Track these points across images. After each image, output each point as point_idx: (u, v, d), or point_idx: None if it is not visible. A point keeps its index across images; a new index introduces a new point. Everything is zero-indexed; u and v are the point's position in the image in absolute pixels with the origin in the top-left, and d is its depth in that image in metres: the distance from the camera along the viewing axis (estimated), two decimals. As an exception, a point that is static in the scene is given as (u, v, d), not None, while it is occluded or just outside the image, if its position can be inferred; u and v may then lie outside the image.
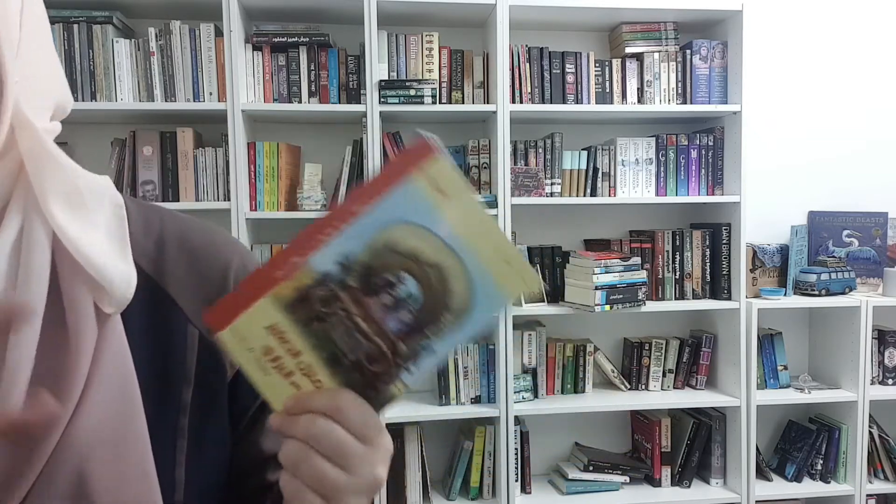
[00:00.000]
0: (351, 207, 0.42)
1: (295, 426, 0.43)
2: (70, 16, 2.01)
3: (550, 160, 2.27)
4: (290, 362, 0.44)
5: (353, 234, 0.42)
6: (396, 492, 2.19)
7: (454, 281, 0.43)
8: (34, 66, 0.47)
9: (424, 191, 0.41)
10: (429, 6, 2.13)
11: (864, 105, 2.64)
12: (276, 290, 0.42)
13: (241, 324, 0.43)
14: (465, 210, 0.42)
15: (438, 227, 0.42)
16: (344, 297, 0.43)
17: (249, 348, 0.43)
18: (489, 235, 0.43)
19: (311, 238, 0.42)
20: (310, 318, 0.43)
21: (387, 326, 0.43)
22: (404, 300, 0.43)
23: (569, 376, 2.37)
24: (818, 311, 2.56)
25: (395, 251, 0.42)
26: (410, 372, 0.44)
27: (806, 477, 2.41)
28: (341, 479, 0.43)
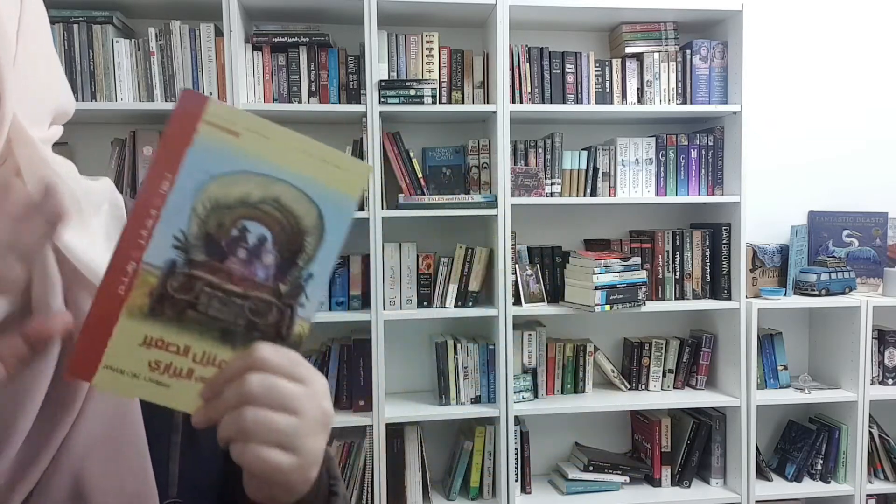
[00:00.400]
0: (156, 188, 0.39)
1: (222, 402, 0.41)
2: (70, 16, 2.01)
3: (550, 160, 2.27)
4: (184, 362, 0.41)
5: (171, 212, 0.40)
6: (396, 492, 2.19)
7: (294, 205, 0.42)
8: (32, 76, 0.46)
9: (216, 138, 0.40)
10: (429, 6, 2.13)
11: (864, 105, 2.64)
12: (128, 306, 0.40)
13: (110, 359, 0.40)
14: (262, 136, 0.41)
15: (249, 165, 0.41)
16: (200, 275, 0.41)
17: (133, 375, 0.40)
18: (297, 147, 0.42)
19: (134, 236, 0.39)
20: (180, 311, 0.41)
21: (258, 277, 0.42)
22: (258, 246, 0.42)
23: (569, 376, 2.37)
24: (818, 311, 2.56)
25: (222, 206, 0.41)
26: (304, 305, 0.43)
27: (806, 477, 2.41)
28: (292, 423, 0.41)
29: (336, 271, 2.17)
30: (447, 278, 2.21)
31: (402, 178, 2.20)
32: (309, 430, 0.42)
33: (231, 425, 0.40)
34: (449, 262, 2.22)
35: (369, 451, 2.14)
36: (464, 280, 2.21)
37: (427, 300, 2.21)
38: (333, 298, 2.18)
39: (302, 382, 0.42)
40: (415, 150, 2.27)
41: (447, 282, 2.21)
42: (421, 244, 2.29)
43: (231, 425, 0.40)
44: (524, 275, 2.27)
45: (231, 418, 0.40)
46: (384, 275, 2.15)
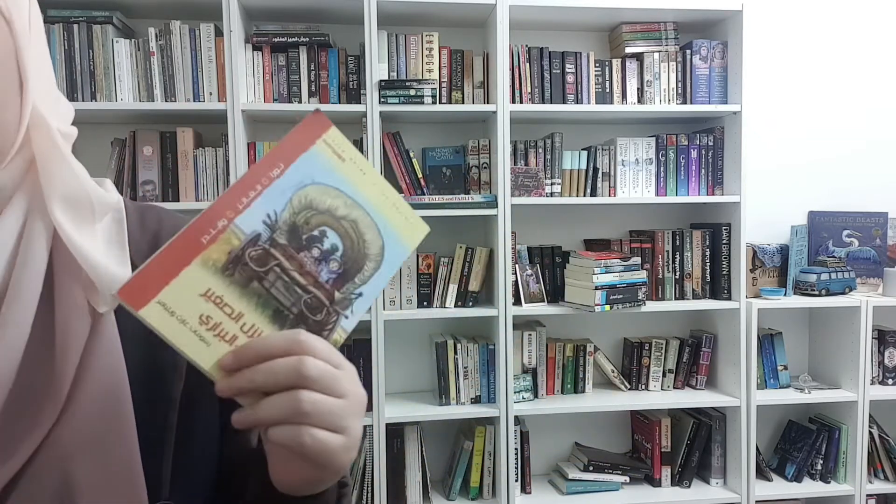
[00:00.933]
0: (268, 171, 0.44)
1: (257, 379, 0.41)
2: (70, 16, 2.01)
3: (550, 160, 2.27)
4: (233, 326, 0.42)
5: (273, 195, 0.44)
6: (396, 492, 2.19)
7: (366, 231, 0.48)
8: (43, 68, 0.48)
9: (327, 155, 0.47)
10: (429, 6, 2.13)
11: (864, 105, 2.64)
12: (204, 255, 0.42)
13: (168, 296, 0.40)
14: (360, 169, 0.48)
15: (343, 186, 0.47)
16: (277, 255, 0.44)
17: (182, 320, 0.41)
18: (381, 189, 0.49)
19: (234, 200, 0.43)
20: (248, 279, 0.43)
21: (321, 278, 0.46)
22: (330, 252, 0.47)
23: (569, 376, 2.37)
24: (818, 311, 2.56)
25: (313, 208, 0.46)
26: (347, 317, 0.47)
27: (806, 477, 2.41)
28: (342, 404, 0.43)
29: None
30: (447, 278, 2.21)
31: (402, 178, 2.20)
32: (353, 412, 0.44)
33: (284, 407, 0.41)
34: (449, 262, 2.22)
35: (369, 451, 2.14)
36: (464, 280, 2.21)
37: (427, 300, 2.21)
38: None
39: (340, 368, 0.44)
40: (415, 150, 2.27)
41: (447, 282, 2.21)
42: (421, 244, 2.28)
43: (284, 407, 0.41)
44: (524, 275, 2.27)
45: (285, 400, 0.41)
46: (384, 275, 2.15)
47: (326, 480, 0.46)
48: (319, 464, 0.43)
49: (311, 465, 0.44)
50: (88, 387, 0.45)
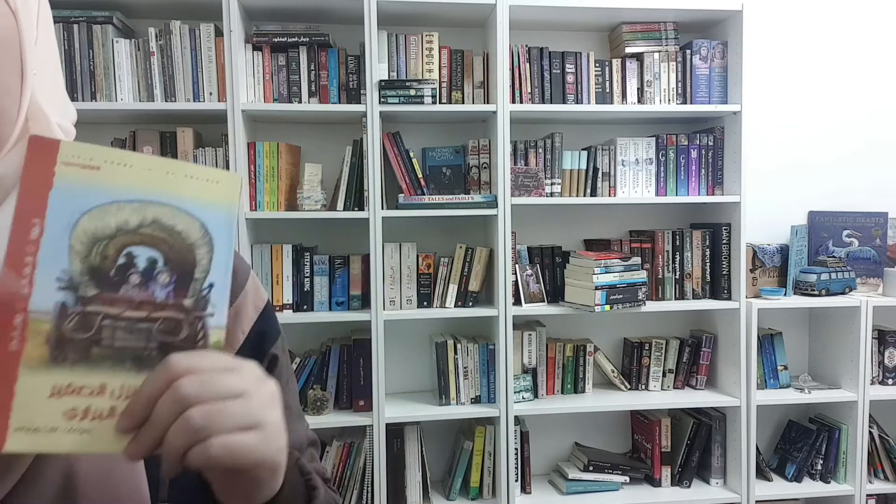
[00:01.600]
0: (26, 237, 0.38)
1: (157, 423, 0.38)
2: (70, 16, 2.01)
3: (550, 160, 2.27)
4: (102, 402, 0.39)
5: (48, 256, 0.38)
6: (396, 492, 2.18)
7: (175, 222, 0.41)
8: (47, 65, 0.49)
9: (77, 175, 0.39)
10: (429, 6, 2.13)
11: (864, 105, 2.64)
12: (24, 361, 0.37)
13: (19, 420, 0.37)
14: (124, 165, 0.40)
15: (117, 195, 0.40)
16: (96, 309, 0.39)
17: (51, 429, 0.37)
18: (160, 169, 0.41)
19: (14, 288, 0.37)
20: (85, 350, 0.39)
21: (158, 298, 0.41)
22: (150, 269, 0.41)
23: (569, 376, 2.37)
24: (818, 311, 2.56)
25: (100, 238, 0.40)
26: (213, 314, 0.42)
27: (806, 477, 2.41)
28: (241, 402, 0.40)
29: (336, 271, 2.18)
30: (447, 278, 2.21)
31: (402, 178, 2.20)
32: (261, 404, 0.41)
33: (179, 433, 0.38)
34: (449, 262, 2.22)
35: (369, 451, 2.14)
36: (464, 280, 2.21)
37: (427, 300, 2.21)
38: (333, 298, 2.18)
39: (233, 371, 0.41)
40: (415, 150, 2.27)
41: (447, 282, 2.21)
42: (421, 244, 2.29)
43: (179, 433, 0.38)
44: (524, 275, 2.27)
45: (176, 427, 0.38)
46: (384, 275, 2.15)
47: (267, 482, 0.44)
48: (246, 468, 0.41)
49: (241, 474, 0.41)
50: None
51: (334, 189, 2.19)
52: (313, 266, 2.16)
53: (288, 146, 2.16)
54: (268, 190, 2.11)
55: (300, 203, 2.11)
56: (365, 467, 2.16)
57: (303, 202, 2.11)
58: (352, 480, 2.16)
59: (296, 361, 2.18)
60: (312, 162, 2.17)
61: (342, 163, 2.16)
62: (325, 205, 2.14)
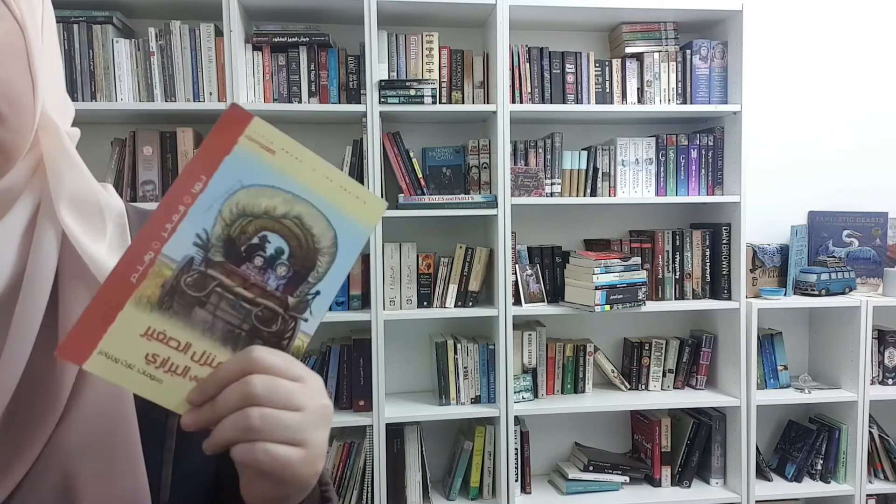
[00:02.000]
0: (189, 188, 0.41)
1: (221, 405, 0.41)
2: (70, 16, 2.01)
3: (550, 160, 2.27)
4: (182, 359, 0.41)
5: (199, 211, 0.41)
6: (396, 492, 2.18)
7: (313, 224, 0.44)
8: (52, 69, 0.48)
9: (254, 152, 0.42)
10: (429, 6, 2.13)
11: (864, 105, 2.64)
12: (136, 295, 0.40)
13: (109, 345, 0.39)
14: (295, 157, 0.43)
15: (279, 181, 0.43)
16: (216, 275, 0.42)
17: (128, 365, 0.40)
18: (323, 173, 0.44)
19: (158, 228, 0.40)
20: (189, 307, 0.41)
21: (269, 286, 0.43)
22: (275, 257, 0.43)
23: (569, 376, 2.37)
24: (818, 311, 2.56)
25: (247, 215, 0.42)
26: (307, 320, 0.44)
27: (806, 477, 2.41)
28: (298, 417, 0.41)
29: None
30: (447, 278, 2.21)
31: (402, 178, 2.20)
32: (313, 424, 0.43)
33: (235, 426, 0.40)
34: (449, 262, 2.22)
35: (369, 451, 2.14)
36: (464, 280, 2.21)
37: (427, 300, 2.21)
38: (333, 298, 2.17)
39: (299, 381, 0.43)
40: (415, 150, 2.27)
41: (447, 282, 2.21)
42: (421, 244, 2.29)
43: (235, 426, 0.40)
44: (524, 275, 2.27)
45: (235, 419, 0.40)
46: (384, 275, 2.15)
47: (292, 497, 0.45)
48: (281, 479, 0.42)
49: (273, 482, 0.43)
50: (91, 390, 0.45)
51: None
52: (313, 266, 2.16)
53: (288, 146, 2.16)
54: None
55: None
56: (365, 467, 2.16)
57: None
58: (352, 480, 2.16)
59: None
60: (312, 162, 2.17)
61: (342, 163, 2.16)
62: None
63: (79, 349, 0.39)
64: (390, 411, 2.16)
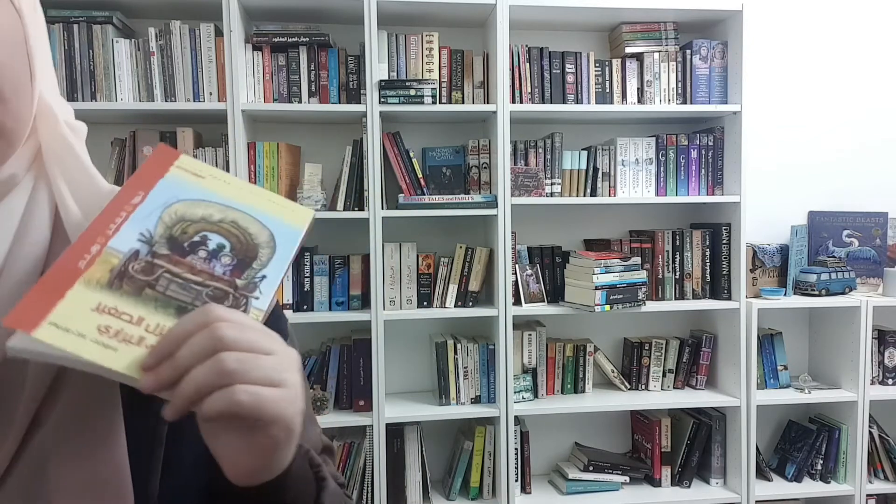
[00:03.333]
0: (129, 200, 0.45)
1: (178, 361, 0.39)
2: (70, 16, 2.01)
3: (550, 160, 2.27)
4: (136, 330, 0.41)
5: (140, 217, 0.45)
6: (396, 492, 2.18)
7: (249, 225, 0.48)
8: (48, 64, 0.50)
9: (185, 177, 0.48)
10: (429, 6, 2.13)
11: (864, 105, 2.64)
12: (86, 276, 0.41)
13: (59, 316, 0.39)
14: (223, 181, 0.49)
15: (211, 197, 0.48)
16: (162, 263, 0.44)
17: (80, 334, 0.40)
18: (251, 191, 0.50)
19: (102, 227, 0.43)
20: (139, 288, 0.42)
21: (216, 272, 0.45)
22: (217, 250, 0.46)
23: (569, 376, 2.37)
24: (818, 311, 2.56)
25: (186, 220, 0.46)
26: (258, 298, 0.45)
27: (806, 477, 2.41)
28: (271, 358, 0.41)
29: (336, 271, 2.18)
30: (447, 278, 2.21)
31: (402, 178, 2.20)
32: (287, 366, 0.42)
33: (209, 372, 0.38)
34: (449, 262, 2.22)
35: (369, 451, 2.14)
36: (464, 280, 2.21)
37: (427, 300, 2.21)
38: (333, 298, 2.18)
39: (263, 331, 0.43)
40: (415, 150, 2.27)
41: (447, 282, 2.21)
42: (421, 244, 2.29)
43: (209, 372, 0.38)
44: (524, 275, 2.27)
45: (209, 365, 0.39)
46: (384, 275, 2.15)
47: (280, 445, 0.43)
48: (265, 420, 0.40)
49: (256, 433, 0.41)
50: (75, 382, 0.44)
51: (334, 189, 2.19)
52: (313, 266, 2.16)
53: (288, 146, 2.16)
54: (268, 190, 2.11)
55: (300, 203, 2.11)
56: (365, 467, 2.16)
57: (303, 202, 2.11)
58: (352, 480, 2.16)
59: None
60: (312, 162, 2.17)
61: (342, 163, 2.16)
62: (325, 205, 2.14)
63: (27, 318, 0.39)
64: (390, 411, 2.16)
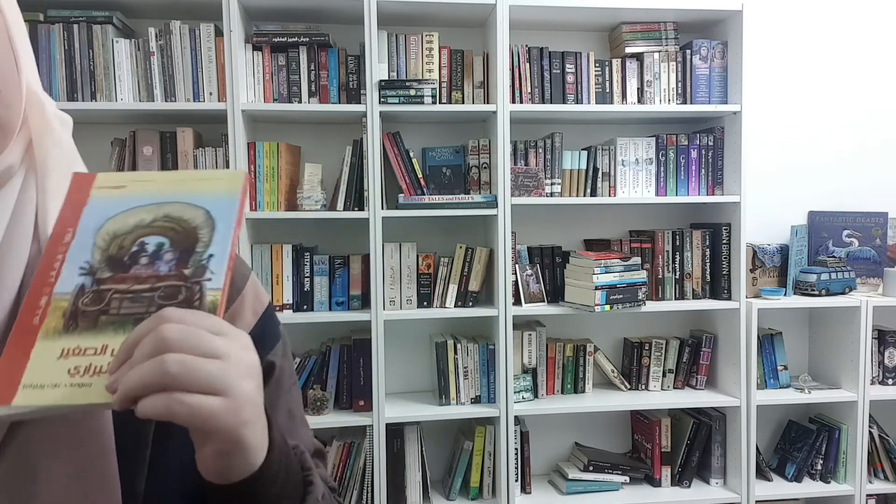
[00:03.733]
0: (60, 241, 0.46)
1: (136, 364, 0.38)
2: (70, 16, 2.01)
3: (550, 160, 2.27)
4: (103, 359, 0.42)
5: (75, 253, 0.45)
6: (396, 492, 2.18)
7: (183, 213, 0.47)
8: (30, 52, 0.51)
9: (107, 195, 0.48)
10: (429, 6, 2.13)
11: (865, 105, 2.64)
12: (43, 331, 0.42)
13: (31, 377, 0.41)
14: (146, 181, 0.49)
15: (138, 202, 0.48)
16: (109, 286, 0.45)
17: (54, 385, 0.41)
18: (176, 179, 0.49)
19: (45, 278, 0.44)
20: (94, 319, 0.43)
21: (161, 272, 0.46)
22: (157, 251, 0.46)
23: (569, 376, 2.37)
24: (818, 311, 2.56)
25: (119, 235, 0.46)
26: (210, 279, 0.45)
27: (806, 477, 2.41)
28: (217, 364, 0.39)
29: (336, 271, 2.18)
30: (447, 278, 2.21)
31: (402, 178, 2.20)
32: (236, 373, 0.40)
33: (147, 373, 0.37)
34: (449, 262, 2.22)
35: (369, 451, 2.14)
36: (464, 280, 2.21)
37: (427, 300, 2.21)
38: (333, 298, 2.18)
39: (220, 334, 0.41)
40: (415, 150, 2.27)
41: (447, 282, 2.21)
42: (421, 244, 2.29)
43: (147, 373, 0.37)
44: (524, 275, 2.27)
45: (149, 366, 0.38)
46: (384, 275, 2.15)
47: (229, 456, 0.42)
48: (203, 431, 0.40)
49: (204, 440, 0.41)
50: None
51: (334, 189, 2.19)
52: (313, 266, 2.16)
53: (288, 146, 2.16)
54: (268, 190, 2.11)
55: (300, 203, 2.11)
56: (365, 467, 2.16)
57: (303, 202, 2.11)
58: (352, 480, 2.16)
59: (296, 361, 2.18)
60: (312, 162, 2.17)
61: (342, 163, 2.16)
62: (325, 205, 2.14)
63: (4, 392, 0.40)
64: (390, 411, 2.16)
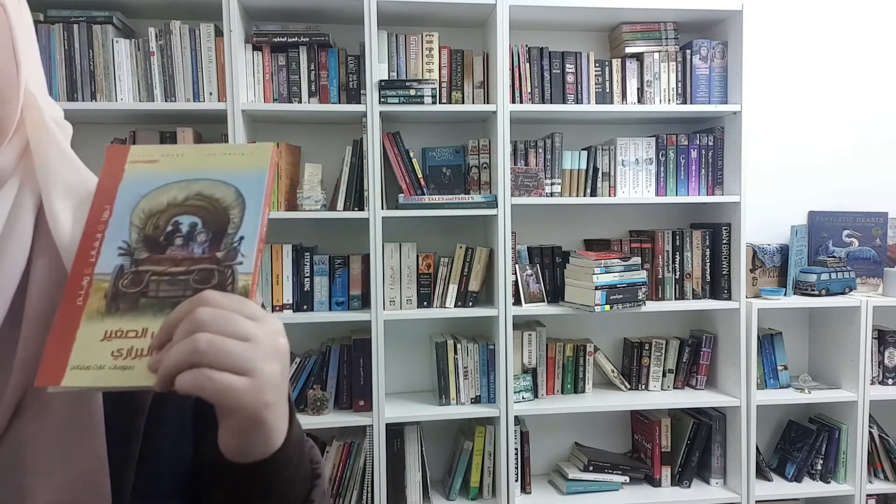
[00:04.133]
0: (98, 219, 0.48)
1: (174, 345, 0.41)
2: (70, 16, 2.01)
3: (550, 160, 2.27)
4: (144, 342, 0.44)
5: (114, 231, 0.47)
6: (396, 492, 2.18)
7: (214, 191, 0.49)
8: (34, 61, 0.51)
9: (141, 170, 0.50)
10: (429, 6, 2.13)
11: (865, 105, 2.64)
12: (87, 312, 0.44)
13: (77, 358, 0.43)
14: (177, 155, 0.50)
15: (170, 179, 0.49)
16: (147, 268, 0.46)
17: (99, 367, 0.43)
18: (205, 153, 0.51)
19: (85, 257, 0.46)
20: (135, 301, 0.45)
21: (196, 254, 0.47)
22: (191, 231, 0.48)
23: (569, 376, 2.37)
24: (818, 311, 2.56)
25: (155, 213, 0.48)
26: (242, 262, 0.47)
27: (806, 477, 2.41)
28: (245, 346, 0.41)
29: (336, 271, 2.18)
30: (447, 278, 2.21)
31: (402, 178, 2.20)
32: (262, 355, 0.42)
33: (182, 351, 0.40)
34: (449, 262, 2.22)
35: (369, 451, 2.14)
36: (464, 280, 2.21)
37: (427, 300, 2.21)
38: (333, 298, 2.18)
39: (253, 318, 0.43)
40: (415, 150, 2.27)
41: (447, 282, 2.21)
42: (421, 244, 2.29)
43: (182, 351, 0.40)
44: (524, 275, 2.27)
45: (183, 344, 0.40)
46: (384, 275, 2.15)
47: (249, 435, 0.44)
48: (227, 408, 0.42)
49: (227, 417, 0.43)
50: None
51: (334, 189, 2.19)
52: (313, 266, 2.16)
53: (288, 146, 2.16)
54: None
55: (300, 203, 2.11)
56: (365, 467, 2.16)
57: (303, 202, 2.11)
58: (352, 480, 2.16)
59: (296, 361, 2.18)
60: (312, 162, 2.17)
61: (342, 163, 2.16)
62: (325, 205, 2.14)
63: (54, 372, 0.42)
64: (390, 411, 2.16)
